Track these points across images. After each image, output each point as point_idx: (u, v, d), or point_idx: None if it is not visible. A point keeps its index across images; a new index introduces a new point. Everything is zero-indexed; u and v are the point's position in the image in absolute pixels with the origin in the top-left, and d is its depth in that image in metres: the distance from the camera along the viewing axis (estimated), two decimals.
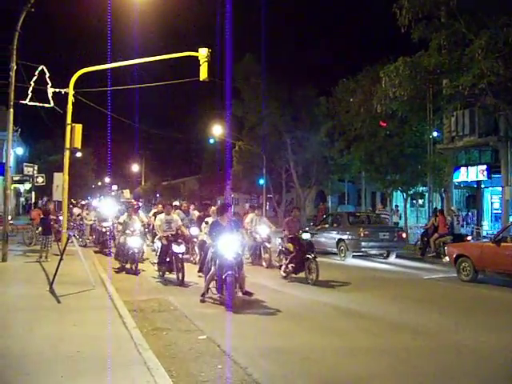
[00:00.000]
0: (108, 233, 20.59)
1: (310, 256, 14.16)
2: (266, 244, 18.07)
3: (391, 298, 12.44)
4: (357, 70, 32.74)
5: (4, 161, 35.95)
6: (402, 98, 21.41)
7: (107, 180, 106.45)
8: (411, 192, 31.14)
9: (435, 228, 21.65)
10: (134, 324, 8.77)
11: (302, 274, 14.50)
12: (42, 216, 18.94)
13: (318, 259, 14.29)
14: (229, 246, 11.06)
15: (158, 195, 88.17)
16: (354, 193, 49.77)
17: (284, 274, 15.01)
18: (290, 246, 14.84)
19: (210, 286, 11.74)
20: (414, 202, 38.91)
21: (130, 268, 15.98)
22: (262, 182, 47.55)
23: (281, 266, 15.46)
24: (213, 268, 11.37)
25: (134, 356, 7.09)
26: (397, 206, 33.09)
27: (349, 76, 33.43)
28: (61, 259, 12.26)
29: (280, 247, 16.36)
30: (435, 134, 28.40)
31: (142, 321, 9.38)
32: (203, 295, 11.55)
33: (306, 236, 14.76)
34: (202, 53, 18.92)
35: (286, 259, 14.99)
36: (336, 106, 36.17)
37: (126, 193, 67.54)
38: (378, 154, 28.81)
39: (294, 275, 14.77)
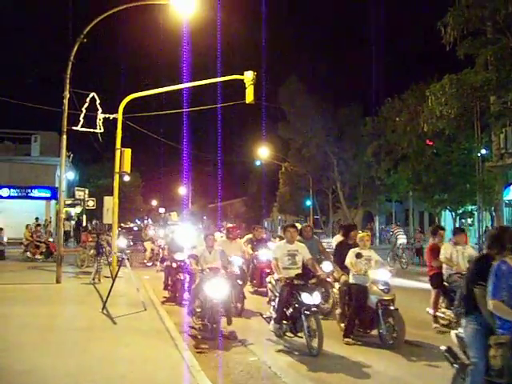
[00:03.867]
0: (182, 270, 14.20)
1: None
2: None
3: None
4: (402, 89, 32.69)
5: (57, 185, 37.10)
6: (449, 116, 21.21)
7: (154, 203, 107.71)
8: (460, 211, 30.72)
9: None
10: (186, 346, 8.86)
11: None
12: (95, 239, 19.36)
13: None
14: None
15: (204, 217, 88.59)
16: (401, 213, 49.23)
17: None
18: None
19: None
20: (463, 221, 38.42)
21: (211, 328, 9.95)
22: (308, 203, 47.47)
23: None
24: None
25: (186, 377, 7.17)
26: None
27: (394, 95, 33.40)
28: (113, 281, 12.51)
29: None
30: (484, 151, 28.06)
31: (192, 342, 9.49)
32: None
33: None
34: (248, 76, 19.05)
35: None
36: (382, 125, 36.10)
37: (174, 215, 67.99)
38: (426, 173, 28.58)
39: None
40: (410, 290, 16.30)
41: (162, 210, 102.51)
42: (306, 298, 8.96)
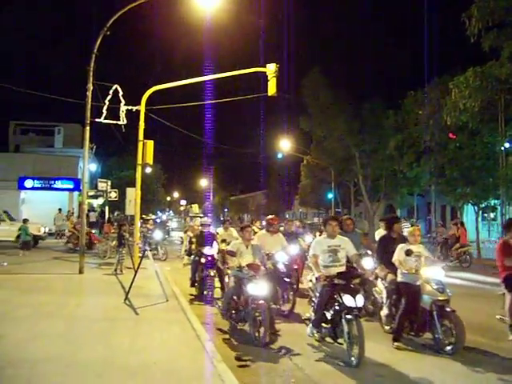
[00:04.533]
0: (209, 266, 13.36)
1: None
2: None
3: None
4: (425, 81, 32.43)
5: (79, 177, 37.40)
6: (473, 109, 21.00)
7: (176, 195, 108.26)
8: (483, 205, 30.47)
9: (457, 238, 22.74)
10: (208, 336, 8.91)
11: None
12: (117, 230, 19.55)
13: None
14: None
15: (226, 210, 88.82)
16: (423, 206, 48.95)
17: None
18: None
19: None
20: (485, 215, 38.12)
21: (254, 334, 9.03)
22: (330, 195, 47.34)
23: None
24: None
25: (208, 368, 7.21)
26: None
27: (417, 88, 33.15)
28: (136, 272, 12.61)
29: None
30: (507, 145, 27.72)
31: (214, 333, 9.53)
32: None
33: None
34: (270, 68, 19.01)
35: None
36: (405, 118, 35.88)
37: (195, 207, 68.30)
38: (449, 167, 28.36)
39: None
40: None
41: (183, 202, 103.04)
42: (348, 300, 7.93)
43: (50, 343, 8.30)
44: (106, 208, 38.88)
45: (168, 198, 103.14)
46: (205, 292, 13.15)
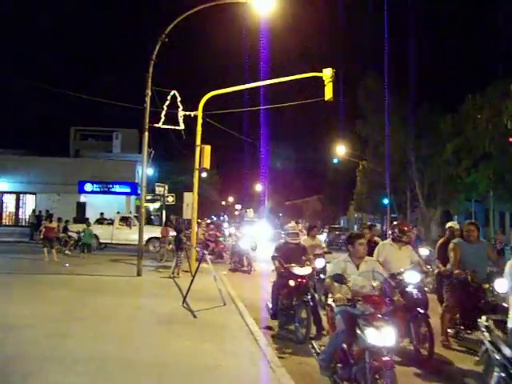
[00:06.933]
0: (300, 291, 9.80)
1: None
2: None
3: None
4: (484, 84, 31.86)
5: (136, 181, 38.05)
6: None
7: (231, 199, 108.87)
8: None
9: None
10: (266, 341, 8.96)
11: None
12: (175, 234, 19.82)
13: None
14: None
15: (280, 215, 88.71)
16: (481, 213, 47.98)
17: None
18: None
19: None
20: None
21: None
22: (385, 201, 46.83)
23: None
24: None
25: (267, 372, 7.28)
26: None
27: (476, 91, 32.61)
28: (194, 276, 12.77)
29: None
30: None
31: (272, 338, 9.61)
32: None
33: None
34: (327, 73, 19.01)
35: None
36: (462, 122, 35.30)
37: (250, 212, 68.32)
38: (508, 172, 27.79)
39: None
40: None
41: (238, 207, 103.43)
42: None
43: (112, 343, 8.50)
44: (164, 212, 39.41)
45: (223, 203, 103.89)
46: (292, 327, 9.88)
